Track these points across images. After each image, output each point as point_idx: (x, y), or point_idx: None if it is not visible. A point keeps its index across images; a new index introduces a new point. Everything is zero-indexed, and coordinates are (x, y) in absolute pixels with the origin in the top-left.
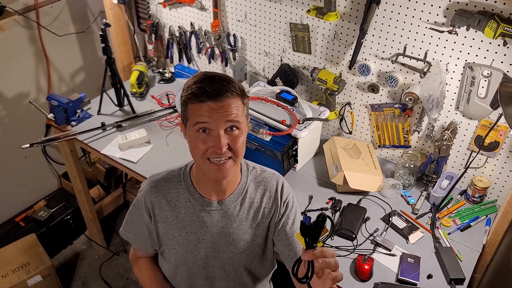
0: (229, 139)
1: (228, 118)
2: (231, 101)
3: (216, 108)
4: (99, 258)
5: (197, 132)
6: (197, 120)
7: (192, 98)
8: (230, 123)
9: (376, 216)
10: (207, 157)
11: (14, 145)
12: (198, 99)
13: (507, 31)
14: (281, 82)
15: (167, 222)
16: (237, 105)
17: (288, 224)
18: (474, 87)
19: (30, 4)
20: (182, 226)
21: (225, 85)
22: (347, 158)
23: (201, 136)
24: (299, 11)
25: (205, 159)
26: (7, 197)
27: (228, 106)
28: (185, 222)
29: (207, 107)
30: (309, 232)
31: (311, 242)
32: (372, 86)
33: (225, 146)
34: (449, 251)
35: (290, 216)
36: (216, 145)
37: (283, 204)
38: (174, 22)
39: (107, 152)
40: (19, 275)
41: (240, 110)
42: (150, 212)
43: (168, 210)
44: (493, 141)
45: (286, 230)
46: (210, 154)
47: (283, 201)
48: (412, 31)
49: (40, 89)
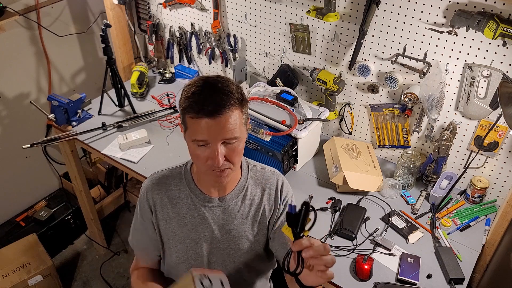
0: (227, 150)
1: (225, 136)
2: (230, 115)
3: (213, 124)
4: (99, 258)
5: (194, 144)
6: (195, 137)
7: (190, 112)
8: (227, 140)
9: (375, 216)
10: (206, 169)
11: (15, 145)
12: (195, 115)
13: (507, 32)
14: (281, 83)
15: (168, 220)
16: (236, 117)
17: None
18: (473, 88)
19: (30, 4)
20: (183, 223)
21: (223, 98)
22: (347, 158)
23: (200, 148)
24: (299, 12)
25: (206, 169)
26: (7, 197)
27: (226, 121)
28: (186, 219)
29: (204, 123)
30: (296, 221)
31: (298, 231)
32: (372, 86)
33: (223, 158)
34: (449, 251)
35: None
36: (213, 158)
37: (282, 202)
38: (174, 23)
39: (108, 152)
40: (20, 275)
41: (239, 121)
42: (152, 209)
43: (170, 207)
44: (492, 141)
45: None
46: (209, 167)
47: (282, 199)
48: (412, 32)
49: (40, 89)
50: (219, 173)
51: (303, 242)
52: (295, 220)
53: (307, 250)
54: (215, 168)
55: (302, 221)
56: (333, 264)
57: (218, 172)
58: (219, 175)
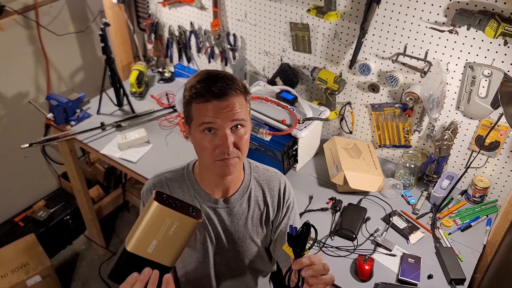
0: (235, 137)
1: (233, 117)
2: (236, 99)
3: (221, 107)
4: (98, 258)
5: (202, 132)
6: (202, 120)
7: (197, 98)
8: (236, 122)
9: (376, 216)
10: (215, 159)
11: (14, 145)
12: (203, 99)
13: (508, 31)
14: (281, 82)
15: None
16: (241, 103)
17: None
18: (474, 87)
19: (29, 3)
20: None
21: (229, 83)
22: (348, 158)
23: (207, 137)
24: (299, 11)
25: (213, 160)
26: (6, 197)
27: (233, 104)
28: None
29: (212, 106)
30: (296, 241)
31: (299, 251)
32: (373, 85)
33: (232, 145)
34: (450, 251)
35: (290, 217)
36: (223, 144)
37: (285, 204)
38: (173, 22)
39: (107, 152)
40: (19, 276)
41: (244, 108)
42: None
43: None
44: (493, 141)
45: (284, 230)
46: (218, 156)
47: (285, 201)
48: (413, 31)
49: (39, 88)
50: (227, 161)
51: (303, 261)
52: (296, 241)
53: (307, 269)
54: (224, 157)
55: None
56: (332, 283)
57: (226, 160)
58: (227, 163)
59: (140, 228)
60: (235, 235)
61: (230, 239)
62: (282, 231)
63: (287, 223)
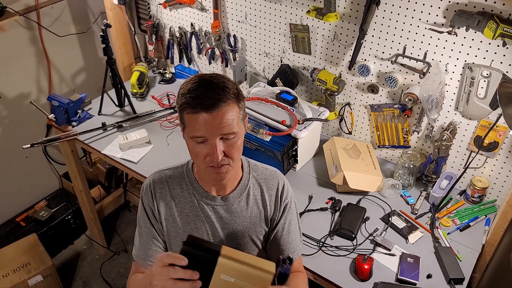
0: (226, 146)
1: (222, 132)
2: (226, 110)
3: (211, 119)
4: (99, 258)
5: (193, 141)
6: (193, 134)
7: (187, 108)
8: (225, 136)
9: (375, 216)
10: (206, 166)
11: (15, 145)
12: (192, 110)
13: (507, 32)
14: (281, 83)
15: (171, 218)
16: (233, 112)
17: (285, 225)
18: (473, 88)
19: (31, 4)
20: (186, 222)
21: (220, 93)
22: (347, 158)
23: (198, 146)
24: (299, 12)
25: (205, 166)
26: (8, 197)
27: (223, 116)
28: (190, 218)
29: (202, 118)
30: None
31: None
32: (372, 86)
33: (221, 154)
34: (449, 251)
35: (288, 217)
36: (212, 154)
37: (283, 204)
38: (174, 23)
39: (108, 152)
40: (20, 275)
41: (236, 116)
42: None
43: (173, 206)
44: (492, 141)
45: (280, 230)
46: (209, 163)
47: (283, 201)
48: (412, 32)
49: (41, 89)
50: (218, 169)
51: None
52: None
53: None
54: (214, 164)
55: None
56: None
57: (217, 168)
58: (218, 171)
59: (243, 261)
60: (233, 232)
61: (228, 237)
62: (279, 231)
63: (284, 223)
